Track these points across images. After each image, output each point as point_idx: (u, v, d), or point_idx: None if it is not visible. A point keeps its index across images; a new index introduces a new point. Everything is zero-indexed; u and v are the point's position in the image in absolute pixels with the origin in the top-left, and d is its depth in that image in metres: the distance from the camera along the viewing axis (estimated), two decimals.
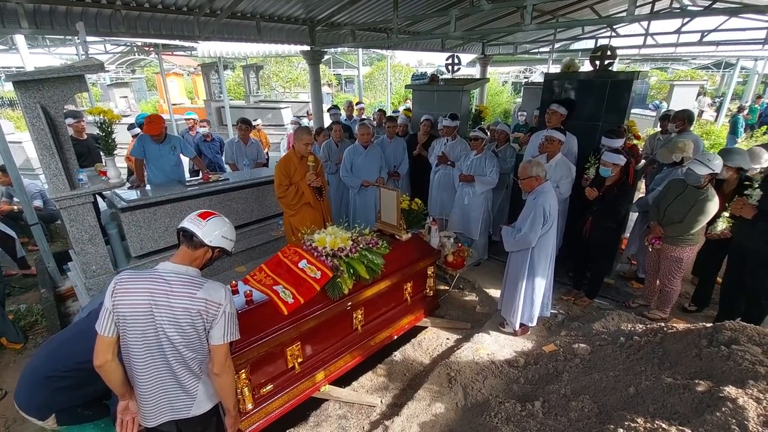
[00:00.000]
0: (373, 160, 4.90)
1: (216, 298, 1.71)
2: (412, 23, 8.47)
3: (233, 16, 6.08)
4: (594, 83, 4.14)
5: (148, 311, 1.64)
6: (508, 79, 24.33)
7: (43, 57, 12.07)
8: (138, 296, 1.64)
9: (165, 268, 1.74)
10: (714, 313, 3.67)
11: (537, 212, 3.14)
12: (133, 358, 1.69)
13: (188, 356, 1.73)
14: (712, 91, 20.16)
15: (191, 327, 1.68)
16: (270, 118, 12.13)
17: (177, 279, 1.70)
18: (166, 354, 1.70)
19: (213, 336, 1.73)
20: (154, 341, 1.67)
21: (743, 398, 1.92)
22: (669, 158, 3.81)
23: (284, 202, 3.97)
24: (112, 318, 1.63)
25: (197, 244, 1.77)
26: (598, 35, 11.09)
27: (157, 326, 1.66)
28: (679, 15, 5.50)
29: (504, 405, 2.60)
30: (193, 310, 1.67)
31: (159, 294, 1.66)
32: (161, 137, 4.61)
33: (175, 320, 1.66)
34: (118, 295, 1.63)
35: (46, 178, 3.43)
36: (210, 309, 1.69)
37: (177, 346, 1.69)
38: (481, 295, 4.42)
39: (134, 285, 1.65)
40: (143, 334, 1.66)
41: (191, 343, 1.72)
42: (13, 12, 4.50)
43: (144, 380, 1.72)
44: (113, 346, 1.67)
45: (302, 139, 3.82)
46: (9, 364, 3.50)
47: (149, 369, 1.71)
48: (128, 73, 21.01)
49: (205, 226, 1.79)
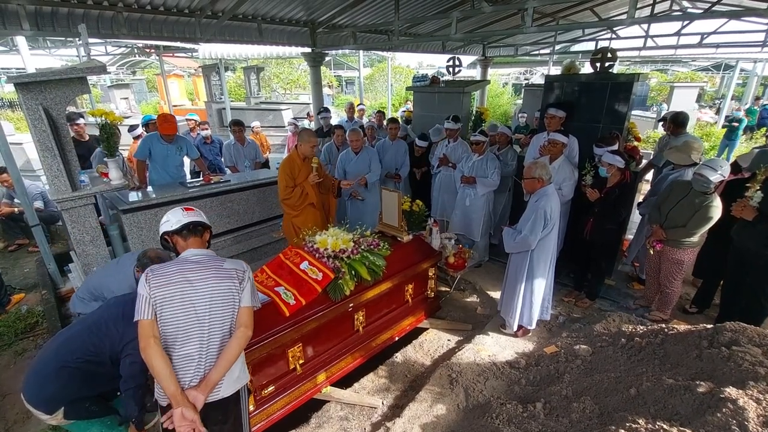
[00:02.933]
0: (364, 164, 4.87)
1: (239, 266, 1.95)
2: (413, 25, 8.49)
3: (234, 18, 6.09)
4: (594, 85, 4.15)
5: (182, 292, 1.80)
6: (508, 80, 24.35)
7: (44, 58, 12.09)
8: (171, 279, 1.80)
9: (190, 254, 1.93)
10: (715, 315, 3.68)
11: (538, 215, 3.14)
12: (169, 339, 1.79)
13: (219, 333, 1.85)
14: (711, 93, 20.19)
15: (229, 291, 1.87)
16: (271, 120, 12.13)
17: (205, 258, 1.92)
18: (200, 331, 1.82)
19: (243, 299, 1.91)
20: (189, 320, 1.80)
21: (744, 399, 1.92)
22: (688, 159, 3.72)
23: (289, 203, 3.98)
24: (149, 303, 1.76)
25: (202, 229, 2.01)
26: (598, 37, 11.12)
27: (194, 305, 1.80)
28: (679, 18, 5.53)
29: (505, 406, 2.61)
30: (226, 276, 1.88)
31: (191, 273, 1.84)
32: (173, 137, 4.61)
33: (211, 292, 1.83)
34: (152, 281, 1.78)
35: (47, 180, 3.44)
36: (238, 274, 1.91)
37: (212, 320, 1.83)
38: (482, 296, 4.42)
39: (166, 271, 1.82)
40: (178, 314, 1.79)
41: (225, 313, 1.86)
42: (15, 13, 4.51)
43: (178, 360, 1.80)
44: (152, 328, 1.76)
45: (309, 141, 3.83)
46: (9, 365, 3.50)
47: (184, 348, 1.80)
48: (129, 74, 21.04)
49: (198, 213, 2.03)
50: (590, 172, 3.80)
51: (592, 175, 3.78)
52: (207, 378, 1.79)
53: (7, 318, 4.00)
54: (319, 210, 4.09)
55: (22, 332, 3.85)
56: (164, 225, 1.98)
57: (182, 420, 1.68)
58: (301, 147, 3.86)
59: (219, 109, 12.31)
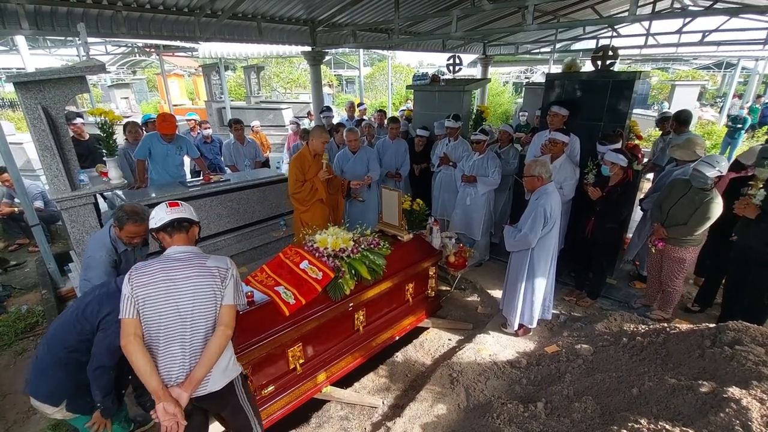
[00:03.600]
0: (361, 164, 4.83)
1: (222, 264, 1.93)
2: (414, 24, 8.47)
3: (234, 16, 6.08)
4: (596, 83, 4.13)
5: (165, 291, 1.80)
6: (509, 79, 24.32)
7: (44, 58, 12.09)
8: (153, 278, 1.80)
9: (174, 251, 1.91)
10: (717, 314, 3.66)
11: (538, 213, 3.13)
12: (152, 337, 1.81)
13: (202, 331, 1.85)
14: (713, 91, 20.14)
15: (210, 290, 1.85)
16: (271, 119, 12.11)
17: (188, 254, 1.91)
18: (182, 330, 1.82)
19: (225, 296, 1.90)
20: (171, 319, 1.81)
21: (747, 399, 1.91)
22: (693, 155, 3.67)
23: (298, 198, 3.99)
24: (132, 302, 1.77)
25: (188, 226, 1.98)
26: (599, 35, 11.08)
27: (176, 303, 1.80)
28: (680, 15, 5.50)
29: (506, 406, 2.60)
30: (208, 274, 1.87)
31: (174, 271, 1.83)
32: (173, 137, 4.60)
33: (194, 290, 1.82)
34: (134, 281, 1.78)
35: (47, 179, 3.42)
36: (221, 272, 1.90)
37: (194, 318, 1.83)
38: (482, 295, 4.41)
39: (149, 270, 1.82)
40: (161, 313, 1.80)
41: (207, 311, 1.85)
42: (14, 13, 4.50)
43: (162, 357, 1.82)
44: (135, 326, 1.77)
45: (321, 137, 3.84)
46: (9, 365, 3.50)
47: (167, 346, 1.81)
48: (129, 74, 21.04)
49: (185, 208, 2.00)
50: (593, 170, 3.79)
51: (595, 174, 3.76)
52: (191, 375, 1.82)
53: (8, 318, 4.00)
54: (327, 207, 4.13)
55: (23, 332, 3.85)
56: (151, 221, 1.97)
57: (165, 414, 1.75)
58: (313, 143, 3.86)
59: (219, 109, 12.28)
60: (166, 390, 1.77)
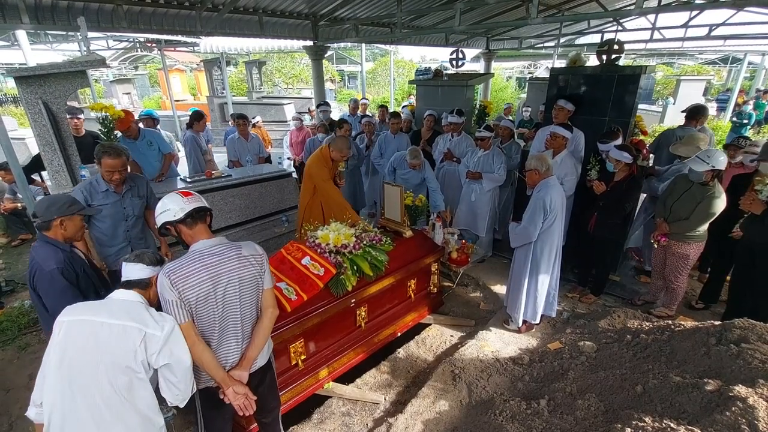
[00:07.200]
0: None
1: (255, 250, 1.97)
2: (416, 17, 8.40)
3: (235, 11, 6.04)
4: (601, 78, 4.08)
5: (214, 289, 1.81)
6: (512, 74, 24.18)
7: (45, 53, 12.08)
8: (198, 278, 1.78)
9: (204, 246, 1.86)
10: (721, 311, 3.63)
11: (537, 205, 3.11)
12: (208, 332, 1.87)
13: (250, 318, 1.96)
14: (718, 86, 19.94)
15: (253, 278, 1.92)
16: (273, 114, 12.08)
17: (221, 248, 1.88)
18: (235, 321, 1.90)
19: (265, 281, 1.98)
20: (225, 313, 1.87)
21: (753, 397, 1.89)
22: (697, 150, 3.60)
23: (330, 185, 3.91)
24: (182, 306, 1.76)
25: (204, 214, 1.94)
26: (604, 29, 10.95)
27: (227, 298, 1.85)
28: (686, 8, 5.42)
29: (509, 403, 2.58)
30: (248, 264, 1.90)
31: (216, 267, 1.82)
32: (132, 133, 4.44)
33: (239, 282, 1.87)
34: (179, 285, 1.74)
35: (48, 174, 3.42)
36: (257, 260, 1.95)
37: (243, 307, 1.91)
38: (485, 292, 4.39)
39: (189, 270, 1.77)
40: (214, 310, 1.83)
41: (252, 298, 1.94)
42: (14, 7, 4.48)
43: (219, 348, 1.90)
44: (193, 328, 1.80)
45: (342, 151, 3.76)
46: (12, 360, 3.51)
47: (223, 338, 1.90)
48: (131, 69, 21.02)
49: (197, 197, 1.96)
50: (595, 166, 3.75)
51: (597, 170, 3.73)
52: (247, 356, 1.95)
53: (11, 313, 4.01)
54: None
55: (26, 327, 3.86)
56: (165, 214, 1.85)
57: (235, 395, 1.87)
58: (333, 153, 3.77)
59: (221, 104, 12.26)
60: (230, 375, 1.89)
